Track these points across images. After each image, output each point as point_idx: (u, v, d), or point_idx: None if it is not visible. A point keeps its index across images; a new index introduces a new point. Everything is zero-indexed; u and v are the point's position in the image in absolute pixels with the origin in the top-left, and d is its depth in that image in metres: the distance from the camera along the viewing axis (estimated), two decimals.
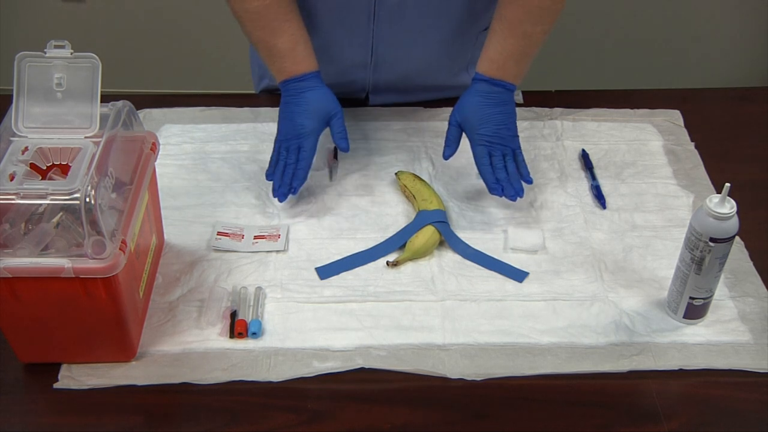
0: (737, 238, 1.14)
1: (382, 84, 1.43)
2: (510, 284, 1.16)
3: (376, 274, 1.17)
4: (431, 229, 1.20)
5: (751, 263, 1.19)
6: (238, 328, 1.07)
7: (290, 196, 1.26)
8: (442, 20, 1.34)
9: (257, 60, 1.45)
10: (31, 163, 0.99)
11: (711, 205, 1.01)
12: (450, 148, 1.28)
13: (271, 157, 1.27)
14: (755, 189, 1.31)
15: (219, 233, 1.21)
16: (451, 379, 1.04)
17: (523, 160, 1.25)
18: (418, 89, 1.46)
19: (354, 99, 1.47)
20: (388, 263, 1.18)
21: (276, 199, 1.25)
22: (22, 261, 0.92)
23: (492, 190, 1.23)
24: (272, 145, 1.27)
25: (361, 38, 1.35)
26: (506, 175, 1.24)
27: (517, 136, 1.26)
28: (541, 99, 1.49)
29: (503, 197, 1.24)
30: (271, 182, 1.26)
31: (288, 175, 1.24)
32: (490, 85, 1.24)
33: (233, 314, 1.10)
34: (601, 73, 2.62)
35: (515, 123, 1.26)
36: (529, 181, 1.25)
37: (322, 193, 1.30)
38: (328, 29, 1.34)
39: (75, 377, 1.03)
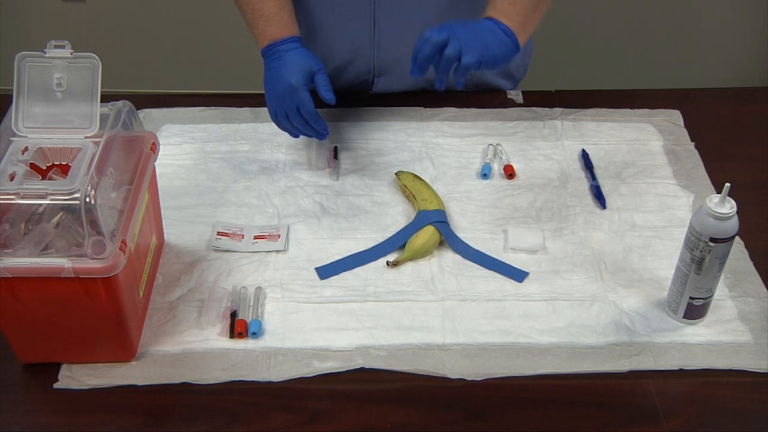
0: (737, 238, 1.14)
1: (386, 65, 1.43)
2: (510, 284, 1.16)
3: (376, 274, 1.17)
4: (431, 229, 1.20)
5: (751, 263, 1.19)
6: (238, 328, 1.07)
7: (289, 197, 1.28)
8: None
9: None
10: (31, 163, 0.99)
11: (711, 205, 1.01)
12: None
13: (280, 126, 1.29)
14: (755, 189, 1.31)
15: (219, 233, 1.21)
16: (451, 379, 1.04)
17: (468, 71, 1.16)
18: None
19: (360, 87, 1.48)
20: (388, 263, 1.18)
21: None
22: (22, 261, 0.92)
23: (412, 71, 1.17)
24: (272, 145, 1.26)
25: (363, 15, 1.36)
26: (444, 66, 1.15)
27: (481, 62, 1.16)
28: (541, 99, 1.49)
29: (419, 77, 1.18)
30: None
31: (309, 129, 1.27)
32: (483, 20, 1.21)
33: (233, 314, 1.10)
34: (601, 73, 2.62)
35: (494, 49, 1.18)
36: (459, 85, 1.17)
37: (322, 193, 1.30)
38: (329, 9, 1.36)
39: (75, 377, 1.03)
